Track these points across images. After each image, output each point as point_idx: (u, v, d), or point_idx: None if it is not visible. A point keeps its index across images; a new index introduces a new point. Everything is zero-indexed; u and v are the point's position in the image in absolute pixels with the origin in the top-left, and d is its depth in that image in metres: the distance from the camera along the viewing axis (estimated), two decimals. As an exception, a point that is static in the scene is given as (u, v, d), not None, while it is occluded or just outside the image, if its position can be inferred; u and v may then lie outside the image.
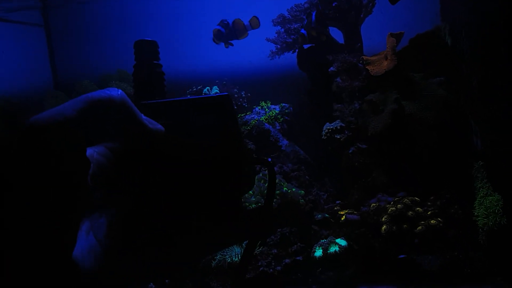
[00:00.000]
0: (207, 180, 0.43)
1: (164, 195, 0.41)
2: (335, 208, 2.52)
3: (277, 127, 3.03)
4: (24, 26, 3.05)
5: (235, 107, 2.72)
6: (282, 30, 2.92)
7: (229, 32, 2.85)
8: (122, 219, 0.39)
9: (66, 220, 0.32)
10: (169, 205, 0.41)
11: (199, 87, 2.94)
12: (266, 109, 3.12)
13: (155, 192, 0.41)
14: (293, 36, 2.88)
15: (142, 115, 0.39)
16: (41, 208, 0.30)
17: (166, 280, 2.30)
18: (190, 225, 0.42)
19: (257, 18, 2.87)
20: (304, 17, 2.79)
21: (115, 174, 0.39)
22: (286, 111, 3.13)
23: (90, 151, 0.38)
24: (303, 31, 2.72)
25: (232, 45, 2.87)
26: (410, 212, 2.17)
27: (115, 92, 0.37)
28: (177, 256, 0.42)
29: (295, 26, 2.83)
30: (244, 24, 2.88)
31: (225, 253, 2.28)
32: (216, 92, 2.87)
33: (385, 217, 2.18)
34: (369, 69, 2.66)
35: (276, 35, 2.96)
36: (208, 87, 2.84)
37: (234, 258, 2.25)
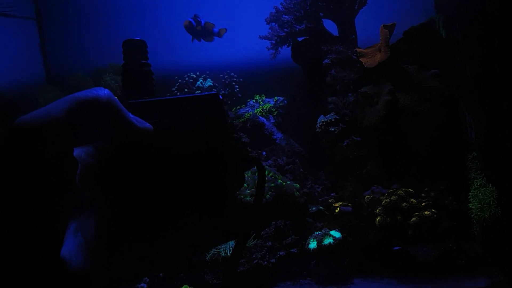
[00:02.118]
0: (195, 179, 0.42)
1: (153, 194, 0.41)
2: (330, 201, 2.52)
3: (272, 120, 3.02)
4: (15, 20, 3.02)
5: (226, 105, 2.73)
6: (276, 25, 2.90)
7: (199, 30, 2.99)
8: (111, 219, 0.39)
9: (53, 220, 0.32)
10: (158, 205, 0.41)
11: (191, 80, 2.92)
12: (261, 102, 3.11)
13: (144, 192, 0.41)
14: (286, 30, 2.86)
15: (130, 114, 0.39)
16: (28, 209, 0.30)
17: (160, 274, 2.29)
18: (179, 223, 0.42)
19: (226, 30, 3.06)
20: (297, 9, 2.78)
21: (103, 174, 0.39)
22: (281, 104, 3.12)
23: (78, 151, 0.37)
24: None
25: (199, 40, 2.97)
26: (404, 204, 2.17)
27: (102, 92, 0.36)
28: (166, 254, 0.42)
29: (288, 18, 2.81)
30: (213, 30, 3.04)
31: (220, 247, 2.28)
32: (210, 85, 2.85)
33: (379, 208, 2.18)
34: (362, 61, 2.65)
35: (269, 31, 2.94)
36: (201, 79, 2.83)
37: (228, 252, 2.25)
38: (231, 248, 2.26)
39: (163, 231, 0.41)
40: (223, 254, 2.23)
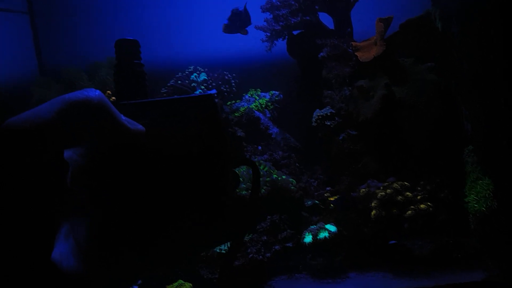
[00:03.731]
0: (189, 181, 0.41)
1: (145, 196, 0.40)
2: (325, 195, 2.51)
3: (267, 115, 3.01)
4: (7, 14, 3.00)
5: (221, 98, 2.71)
6: (271, 17, 2.88)
7: (242, 19, 2.82)
8: (102, 222, 0.38)
9: (44, 223, 0.31)
10: (151, 206, 0.40)
11: (186, 73, 2.90)
12: (256, 97, 3.10)
13: (136, 193, 0.40)
14: (281, 23, 2.85)
15: (122, 115, 0.39)
16: (17, 211, 0.30)
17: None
18: (177, 224, 0.41)
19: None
20: (293, 2, 2.76)
21: (95, 176, 0.38)
22: (276, 98, 3.10)
23: (69, 153, 0.37)
24: None
25: (246, 33, 2.82)
26: (400, 197, 2.16)
27: (93, 93, 0.36)
28: (165, 255, 0.42)
29: (284, 12, 2.79)
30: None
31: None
32: (204, 78, 2.84)
33: (375, 202, 2.17)
34: (358, 55, 2.64)
35: (265, 23, 2.92)
36: (195, 73, 2.81)
37: (223, 247, 2.24)
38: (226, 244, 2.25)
39: (161, 232, 0.40)
40: (217, 250, 2.22)
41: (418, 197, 2.18)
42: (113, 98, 2.54)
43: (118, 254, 0.38)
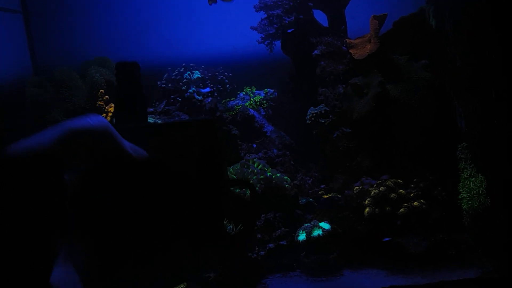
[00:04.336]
0: (187, 205, 0.42)
1: (144, 219, 0.41)
2: (320, 192, 2.51)
3: (262, 113, 3.01)
4: (0, 13, 2.98)
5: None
6: (265, 16, 2.87)
7: None
8: (100, 245, 0.39)
9: (43, 247, 0.32)
10: (149, 230, 0.41)
11: (180, 70, 2.90)
12: (251, 95, 3.09)
13: (133, 214, 0.41)
14: (275, 25, 2.84)
15: (126, 141, 0.39)
16: (19, 235, 0.31)
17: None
18: (171, 248, 0.42)
19: None
20: (286, 1, 2.75)
21: (95, 200, 0.39)
22: (271, 96, 3.10)
23: (69, 176, 0.38)
24: None
25: (215, 2, 2.79)
26: (393, 194, 2.16)
27: (95, 120, 0.36)
28: (156, 277, 0.43)
29: (277, 12, 2.78)
30: None
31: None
32: (198, 77, 2.83)
33: (368, 199, 2.17)
34: (352, 52, 2.64)
35: (258, 27, 2.91)
36: (189, 72, 2.81)
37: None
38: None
39: (155, 257, 0.41)
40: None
41: (411, 195, 2.18)
42: (107, 97, 2.54)
43: (116, 273, 0.39)
